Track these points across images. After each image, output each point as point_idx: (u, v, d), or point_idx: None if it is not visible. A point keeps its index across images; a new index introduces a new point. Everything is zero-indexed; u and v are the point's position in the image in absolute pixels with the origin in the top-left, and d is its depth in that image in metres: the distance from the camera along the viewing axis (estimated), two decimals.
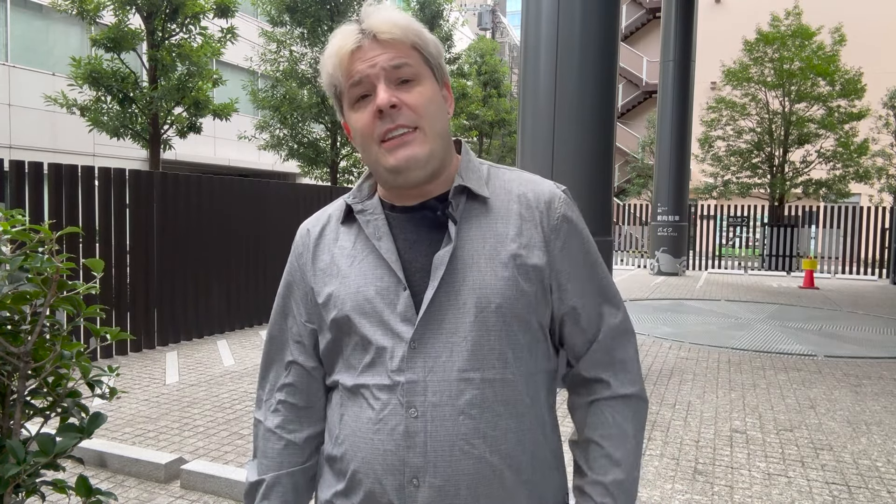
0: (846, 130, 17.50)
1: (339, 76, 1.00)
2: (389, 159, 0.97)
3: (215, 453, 3.90)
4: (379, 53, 0.97)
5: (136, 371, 5.82)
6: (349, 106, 1.02)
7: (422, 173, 0.99)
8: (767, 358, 6.71)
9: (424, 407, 0.95)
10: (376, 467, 0.97)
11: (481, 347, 0.97)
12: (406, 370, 0.96)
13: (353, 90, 0.99)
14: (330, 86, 1.04)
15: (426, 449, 0.95)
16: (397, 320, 0.98)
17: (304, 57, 13.38)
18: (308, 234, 1.12)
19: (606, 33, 5.15)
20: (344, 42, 0.98)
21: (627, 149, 27.28)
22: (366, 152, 1.01)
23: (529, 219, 1.03)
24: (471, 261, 0.99)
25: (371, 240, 1.03)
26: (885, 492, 3.51)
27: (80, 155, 15.41)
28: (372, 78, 0.97)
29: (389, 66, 0.97)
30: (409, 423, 0.95)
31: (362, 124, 0.99)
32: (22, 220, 1.64)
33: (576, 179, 5.08)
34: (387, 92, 0.96)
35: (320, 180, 14.35)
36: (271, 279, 8.22)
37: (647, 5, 29.17)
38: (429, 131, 0.98)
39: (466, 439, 0.96)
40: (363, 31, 0.98)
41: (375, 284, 1.00)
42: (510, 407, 0.99)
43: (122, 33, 9.98)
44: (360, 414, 1.00)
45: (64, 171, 5.93)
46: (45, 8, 14.88)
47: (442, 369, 0.96)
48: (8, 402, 1.56)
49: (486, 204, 1.03)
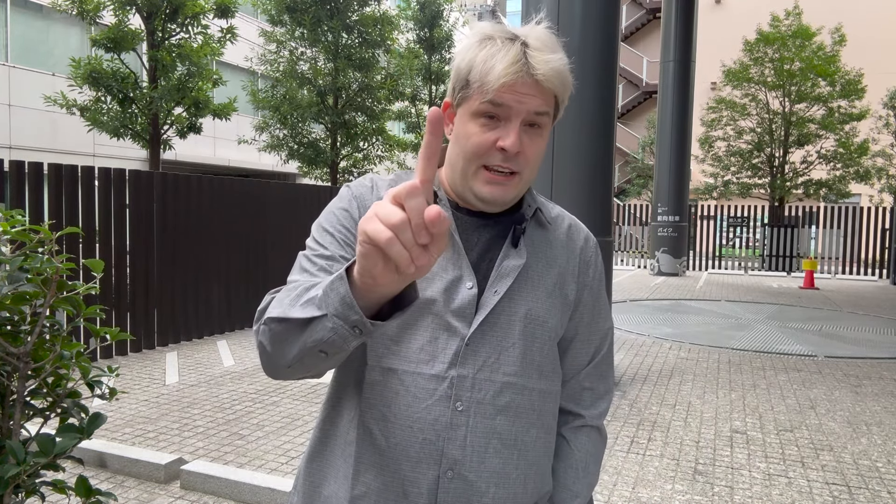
0: (846, 131, 17.50)
1: (483, 82, 0.96)
2: (483, 189, 1.00)
3: (215, 454, 3.90)
4: (532, 96, 0.97)
5: (136, 371, 5.82)
6: (472, 112, 0.99)
7: (500, 209, 1.05)
8: (768, 358, 6.70)
9: (469, 402, 0.98)
10: (411, 454, 0.97)
11: (525, 357, 1.03)
12: (458, 364, 0.98)
13: (488, 106, 0.97)
14: (464, 76, 1.00)
15: (465, 443, 0.97)
16: (453, 314, 1.00)
17: (304, 57, 13.38)
18: (376, 189, 1.07)
19: (606, 33, 5.15)
20: (507, 67, 0.95)
21: (627, 149, 27.28)
22: (463, 162, 1.01)
23: (571, 250, 1.12)
24: (527, 275, 1.05)
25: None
26: (885, 492, 3.51)
27: (80, 155, 15.41)
28: (514, 113, 0.97)
29: (533, 112, 0.98)
30: (454, 416, 0.97)
31: (478, 141, 0.99)
32: (22, 221, 1.64)
33: (576, 179, 5.08)
34: (518, 137, 0.97)
35: (320, 180, 14.34)
36: (271, 279, 8.21)
37: (647, 5, 29.17)
38: (525, 179, 1.03)
39: (501, 439, 1.00)
40: (528, 65, 0.96)
41: (441, 274, 1.01)
42: (541, 418, 1.06)
43: (122, 33, 9.98)
44: (396, 399, 0.98)
45: (64, 172, 5.93)
46: (45, 8, 14.88)
47: (490, 369, 1.00)
48: (8, 402, 1.55)
49: (545, 229, 1.11)
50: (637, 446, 4.13)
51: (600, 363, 1.16)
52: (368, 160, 14.26)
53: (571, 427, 1.14)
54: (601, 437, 1.17)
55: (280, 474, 3.60)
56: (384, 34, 13.42)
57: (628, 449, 4.08)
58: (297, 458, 3.84)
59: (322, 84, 13.04)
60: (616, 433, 4.37)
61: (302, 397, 5.07)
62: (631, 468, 3.78)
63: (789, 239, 16.61)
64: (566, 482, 1.11)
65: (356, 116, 13.53)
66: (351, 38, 13.04)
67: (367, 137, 13.89)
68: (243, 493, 3.30)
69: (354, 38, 13.07)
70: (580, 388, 1.14)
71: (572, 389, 1.14)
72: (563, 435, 1.13)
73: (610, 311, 1.20)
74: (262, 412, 4.68)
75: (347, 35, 12.98)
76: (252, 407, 4.81)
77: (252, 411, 4.71)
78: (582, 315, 1.12)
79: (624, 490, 3.48)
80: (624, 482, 3.58)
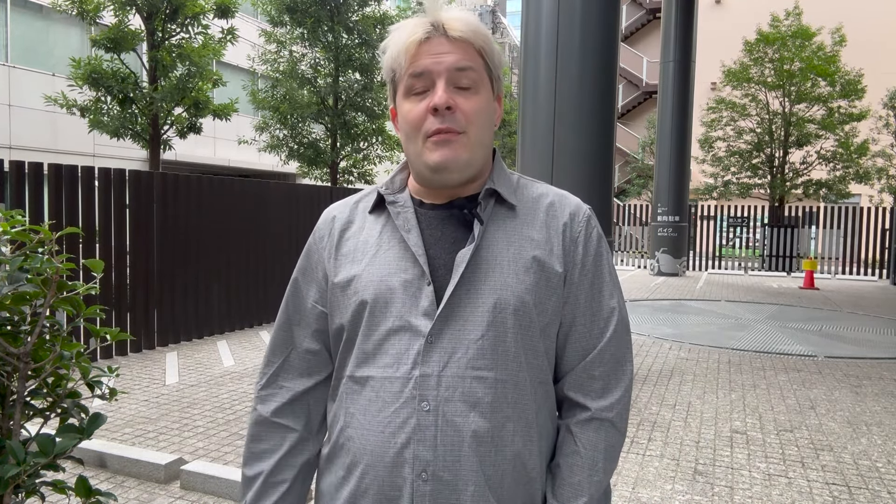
0: (846, 131, 17.50)
1: (401, 62, 1.00)
2: (432, 155, 0.99)
3: (215, 454, 3.90)
4: (447, 52, 0.98)
5: (136, 371, 5.82)
6: (404, 94, 1.01)
7: (458, 176, 1.02)
8: (768, 358, 6.70)
9: (437, 401, 0.96)
10: (386, 459, 0.97)
11: (496, 348, 0.98)
12: (421, 364, 0.97)
13: (412, 80, 0.99)
14: (389, 69, 1.04)
15: (436, 443, 0.95)
16: (418, 314, 0.98)
17: (304, 57, 13.37)
18: (334, 220, 1.12)
19: (606, 34, 5.15)
20: (414, 31, 0.98)
21: (627, 149, 27.28)
22: (410, 144, 1.02)
23: (554, 227, 1.05)
24: (494, 262, 1.00)
25: (399, 231, 1.03)
26: (885, 492, 3.51)
27: (80, 155, 15.41)
28: (434, 74, 0.98)
29: (454, 68, 0.98)
30: (421, 417, 0.95)
31: (414, 116, 1.00)
32: (22, 221, 1.64)
33: (576, 179, 5.08)
34: (445, 93, 0.97)
35: (320, 181, 14.34)
36: (271, 279, 8.21)
37: (647, 5, 29.18)
38: (473, 139, 1.00)
39: (476, 436, 0.96)
40: (434, 24, 0.99)
41: (400, 275, 1.00)
42: (518, 411, 1.00)
43: (123, 34, 9.98)
44: (369, 406, 0.99)
45: (64, 172, 5.93)
46: (45, 8, 14.88)
47: (456, 365, 0.97)
48: (8, 402, 1.55)
49: (513, 210, 1.06)
50: (637, 446, 4.13)
51: (607, 348, 1.05)
52: (368, 160, 14.26)
53: (578, 420, 1.04)
54: (615, 432, 1.05)
55: None
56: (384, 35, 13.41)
57: (628, 449, 4.08)
58: None
59: (322, 85, 13.04)
60: None
61: None
62: (631, 468, 3.78)
63: (789, 239, 16.61)
64: (567, 478, 1.02)
65: (356, 117, 13.53)
66: (351, 38, 13.04)
67: (367, 137, 13.89)
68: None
69: (354, 39, 13.07)
70: (587, 377, 1.05)
71: (578, 378, 1.05)
72: (569, 429, 1.05)
73: (617, 290, 1.09)
74: None
75: (348, 36, 12.98)
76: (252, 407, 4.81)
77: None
78: (577, 298, 1.04)
79: (624, 490, 3.48)
80: (624, 482, 3.58)
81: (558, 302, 1.03)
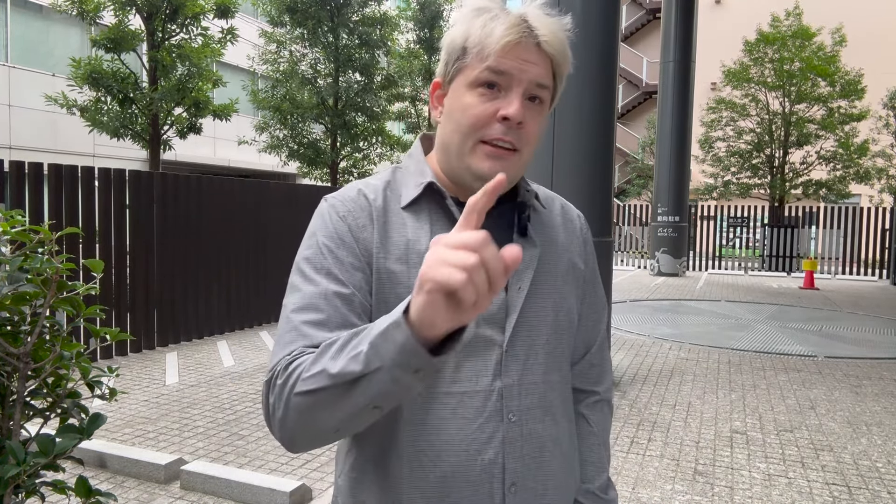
0: (846, 131, 17.50)
1: (483, 50, 0.91)
2: (483, 165, 0.92)
3: (215, 454, 3.90)
4: (533, 62, 0.91)
5: (136, 372, 5.82)
6: (469, 82, 0.92)
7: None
8: (767, 359, 6.70)
9: (521, 411, 0.95)
10: (472, 476, 0.91)
11: (555, 350, 1.00)
12: (502, 374, 0.94)
13: (487, 74, 0.91)
14: (459, 47, 0.93)
15: (523, 453, 0.94)
16: (486, 322, 0.94)
17: (305, 57, 13.38)
18: (368, 202, 0.96)
19: (606, 34, 5.15)
20: (509, 28, 0.90)
21: (627, 149, 27.28)
22: (457, 136, 0.94)
23: (571, 230, 1.09)
24: (543, 265, 1.00)
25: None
26: (885, 493, 3.51)
27: (80, 155, 15.41)
28: (515, 82, 0.91)
29: (534, 82, 0.92)
30: (508, 429, 0.93)
31: (477, 114, 0.92)
32: (22, 221, 1.64)
33: (576, 179, 5.08)
34: (521, 107, 0.91)
35: (320, 181, 14.34)
36: (271, 280, 8.21)
37: (647, 5, 29.18)
38: (525, 159, 0.95)
39: (551, 441, 0.98)
40: (529, 28, 0.91)
41: None
42: (566, 407, 1.04)
43: (123, 34, 9.98)
44: (447, 424, 0.91)
45: (64, 172, 5.93)
46: (45, 8, 14.89)
47: (531, 372, 0.96)
48: (8, 402, 1.55)
49: (540, 214, 1.05)
50: (637, 446, 4.13)
51: (603, 338, 1.14)
52: (368, 160, 14.27)
53: (587, 403, 1.12)
54: (611, 410, 1.17)
55: (280, 474, 3.60)
56: (384, 35, 13.42)
57: (628, 449, 4.08)
58: (297, 458, 3.84)
59: (322, 85, 13.04)
60: (616, 433, 4.37)
61: None
62: (631, 468, 3.77)
63: (789, 239, 16.61)
64: (591, 458, 1.10)
65: (356, 117, 13.53)
66: (351, 39, 13.04)
67: (367, 137, 13.90)
68: (243, 494, 3.30)
69: (355, 39, 13.07)
70: (589, 366, 1.13)
71: (584, 368, 1.12)
72: (581, 413, 1.12)
73: (601, 283, 1.16)
74: (262, 412, 4.68)
75: (348, 36, 12.99)
76: (252, 407, 4.81)
77: (252, 411, 4.71)
78: (585, 295, 1.10)
79: (624, 490, 3.48)
80: (624, 482, 3.58)
81: (580, 301, 1.08)
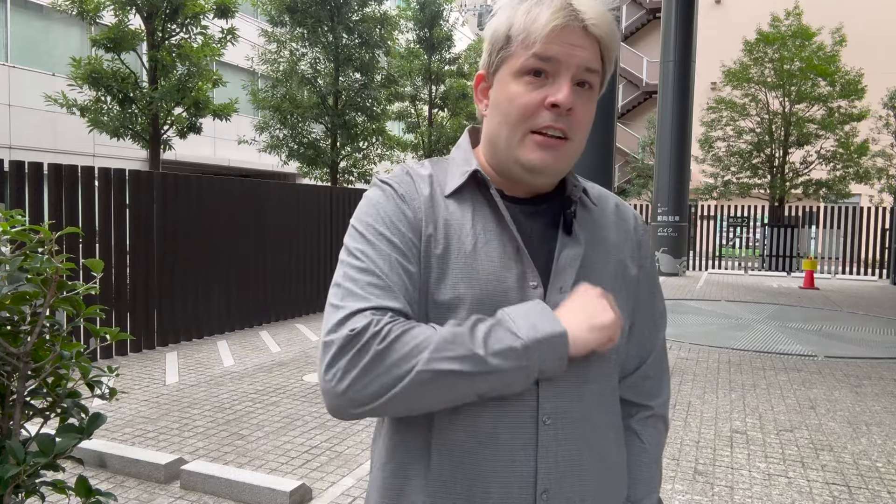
0: (846, 131, 17.50)
1: (528, 37, 0.88)
2: (533, 156, 0.90)
3: (215, 454, 3.90)
4: (580, 45, 0.88)
5: (136, 371, 5.82)
6: (515, 70, 0.90)
7: (549, 181, 0.96)
8: (767, 358, 6.70)
9: (556, 415, 0.90)
10: (504, 479, 0.89)
11: (599, 355, 0.94)
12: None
13: (534, 61, 0.88)
14: (502, 36, 0.91)
15: (557, 458, 0.90)
16: None
17: (304, 57, 13.38)
18: (418, 185, 0.95)
19: None
20: (554, 13, 0.87)
21: (627, 149, 27.29)
22: (505, 128, 0.91)
23: (624, 231, 1.03)
24: (588, 265, 0.96)
25: (496, 223, 0.93)
26: (885, 492, 3.51)
27: (80, 155, 15.41)
28: (563, 67, 0.88)
29: (583, 67, 0.89)
30: (542, 433, 0.89)
31: (524, 103, 0.89)
32: (22, 221, 1.64)
33: None
34: (571, 92, 0.88)
35: (320, 180, 14.34)
36: (271, 279, 8.21)
37: (647, 5, 29.18)
38: (577, 147, 0.93)
39: (589, 447, 0.93)
40: (575, 11, 0.88)
41: (504, 275, 0.90)
42: (612, 417, 0.98)
43: (123, 34, 9.97)
44: (479, 421, 0.88)
45: (64, 172, 5.93)
46: (45, 8, 14.88)
47: (569, 376, 0.90)
48: (8, 402, 1.55)
49: (590, 212, 1.01)
50: None
51: (661, 349, 1.08)
52: (368, 160, 14.27)
53: (640, 419, 1.06)
54: (666, 427, 1.09)
55: (280, 474, 3.59)
56: (384, 35, 13.42)
57: None
58: (296, 458, 3.84)
59: (322, 85, 13.04)
60: None
61: (302, 397, 5.06)
62: None
63: (789, 239, 16.61)
64: (642, 476, 1.04)
65: (356, 116, 13.53)
66: (351, 38, 13.04)
67: (367, 137, 13.90)
68: (243, 493, 3.30)
69: (354, 39, 13.07)
70: (643, 378, 1.06)
71: (637, 379, 1.05)
72: (632, 428, 1.05)
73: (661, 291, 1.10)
74: (262, 412, 4.68)
75: (348, 36, 12.98)
76: (252, 407, 4.81)
77: (252, 411, 4.71)
78: (639, 301, 1.03)
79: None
80: None
81: (631, 305, 1.02)
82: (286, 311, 8.55)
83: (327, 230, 9.28)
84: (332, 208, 9.36)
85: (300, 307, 8.80)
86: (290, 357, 6.46)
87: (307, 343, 7.16)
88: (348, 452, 3.95)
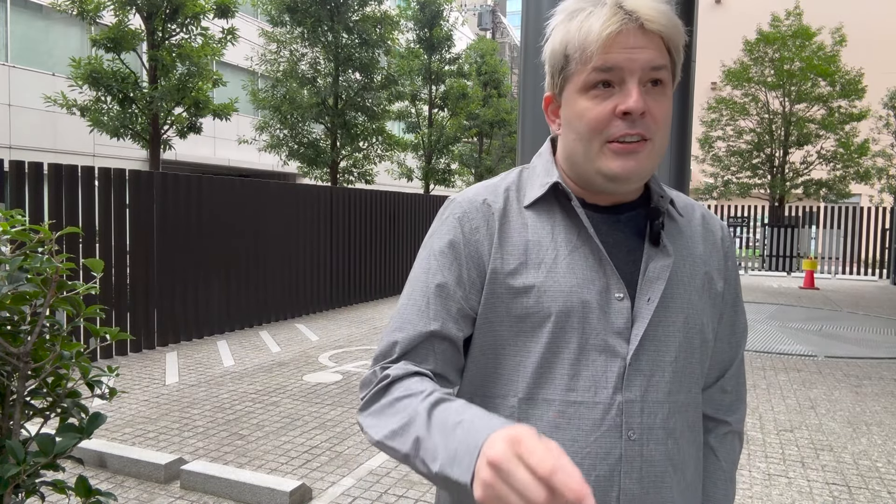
0: (846, 131, 17.50)
1: (585, 53, 0.86)
2: (613, 164, 0.87)
3: (215, 454, 3.90)
4: (641, 46, 0.85)
5: (136, 371, 5.82)
6: (579, 87, 0.88)
7: (634, 186, 0.93)
8: (768, 358, 6.70)
9: (641, 429, 0.88)
10: None
11: (684, 369, 0.92)
12: (624, 388, 0.88)
13: (596, 74, 0.86)
14: (560, 55, 0.90)
15: (642, 474, 0.88)
16: (611, 331, 0.89)
17: (304, 57, 13.38)
18: (488, 206, 0.95)
19: None
20: (606, 21, 0.85)
21: None
22: (581, 143, 0.90)
23: (711, 243, 1.00)
24: (676, 277, 0.93)
25: (578, 235, 0.91)
26: (885, 492, 3.51)
27: (80, 155, 15.40)
28: (627, 73, 0.85)
29: (648, 67, 0.86)
30: (627, 447, 0.87)
31: (595, 117, 0.87)
32: (22, 221, 1.64)
33: None
34: (640, 95, 0.85)
35: (320, 180, 14.34)
36: (271, 279, 8.21)
37: None
38: (658, 147, 0.90)
39: (672, 464, 0.91)
40: (627, 13, 0.85)
41: (589, 287, 0.89)
42: (693, 433, 0.96)
43: (123, 33, 9.97)
44: (559, 434, 0.87)
45: (64, 172, 5.93)
46: (45, 8, 14.88)
47: (655, 389, 0.89)
48: (8, 402, 1.55)
49: (676, 222, 0.98)
50: None
51: (740, 364, 1.06)
52: (368, 160, 14.27)
53: (717, 435, 1.04)
54: (741, 443, 1.07)
55: (280, 474, 3.59)
56: (384, 34, 13.42)
57: None
58: (297, 458, 3.84)
59: (322, 85, 13.05)
60: None
61: (302, 397, 5.06)
62: None
63: (789, 239, 16.62)
64: (717, 494, 1.03)
65: (356, 116, 13.53)
66: (351, 38, 13.04)
67: (367, 137, 13.90)
68: (243, 493, 3.30)
69: (354, 39, 13.07)
70: (722, 393, 1.04)
71: (715, 394, 1.04)
72: (710, 444, 1.04)
73: (744, 306, 1.08)
74: (262, 412, 4.68)
75: (348, 35, 12.99)
76: (252, 407, 4.81)
77: (252, 411, 4.71)
78: (723, 314, 1.01)
79: None
80: None
81: (717, 319, 1.00)
82: (286, 311, 8.55)
83: (327, 230, 9.28)
84: (332, 208, 9.36)
85: (300, 307, 8.80)
86: (290, 357, 6.46)
87: (307, 343, 7.16)
88: (348, 452, 3.95)
